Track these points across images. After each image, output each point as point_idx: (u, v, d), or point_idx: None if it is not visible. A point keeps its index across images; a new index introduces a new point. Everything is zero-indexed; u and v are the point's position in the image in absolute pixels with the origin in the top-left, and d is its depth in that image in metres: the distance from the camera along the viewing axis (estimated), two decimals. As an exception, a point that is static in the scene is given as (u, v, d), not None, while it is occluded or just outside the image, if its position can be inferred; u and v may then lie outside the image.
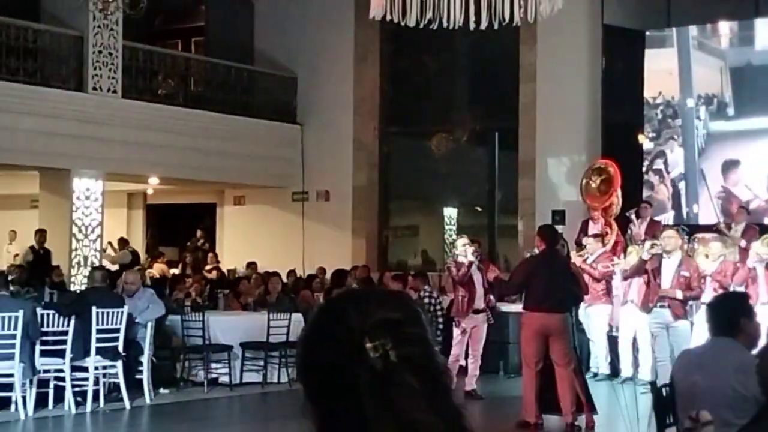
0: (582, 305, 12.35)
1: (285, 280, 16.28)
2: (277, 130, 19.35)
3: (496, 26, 10.69)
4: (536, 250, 10.25)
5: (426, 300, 13.57)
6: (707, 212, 16.49)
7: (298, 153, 19.58)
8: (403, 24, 11.56)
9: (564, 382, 9.56)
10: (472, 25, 10.91)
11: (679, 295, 10.69)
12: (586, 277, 12.03)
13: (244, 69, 19.53)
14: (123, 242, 19.56)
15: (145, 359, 11.25)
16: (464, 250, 11.87)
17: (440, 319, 13.55)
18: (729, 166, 16.68)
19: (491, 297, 12.29)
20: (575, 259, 12.65)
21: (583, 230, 14.74)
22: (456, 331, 11.90)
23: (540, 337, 9.66)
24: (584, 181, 15.43)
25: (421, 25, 10.95)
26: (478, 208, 19.30)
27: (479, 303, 11.84)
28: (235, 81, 19.26)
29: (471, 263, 11.75)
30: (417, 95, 19.87)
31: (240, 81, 19.37)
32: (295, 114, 19.79)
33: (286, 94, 19.82)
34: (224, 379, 12.41)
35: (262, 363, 12.63)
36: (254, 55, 20.14)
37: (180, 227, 21.43)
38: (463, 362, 11.91)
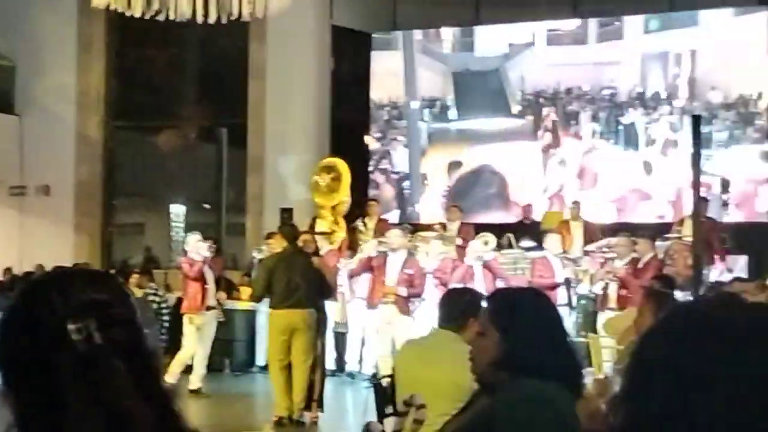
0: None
1: (1, 278, 15.56)
2: (-7, 121, 18.41)
3: (225, 21, 10.62)
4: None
5: (150, 297, 13.33)
6: (430, 211, 17.06)
7: (16, 145, 18.68)
8: (128, 15, 11.30)
9: (298, 378, 9.62)
10: (200, 19, 10.80)
11: (404, 292, 11.01)
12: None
13: (-44, 55, 18.47)
14: None
15: None
16: (197, 246, 11.79)
17: (166, 317, 13.34)
18: (452, 166, 17.35)
19: (222, 294, 12.26)
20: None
21: (311, 228, 14.86)
22: (189, 329, 11.77)
23: (284, 334, 9.72)
24: (314, 179, 15.56)
25: (147, 17, 10.75)
26: (206, 206, 19.13)
27: (211, 300, 11.79)
28: (-55, 68, 18.17)
29: (205, 259, 11.68)
30: (144, 89, 19.43)
31: (-49, 68, 18.29)
32: (12, 104, 18.87)
33: (4, 84, 18.86)
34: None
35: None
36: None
37: None
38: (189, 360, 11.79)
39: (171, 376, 11.35)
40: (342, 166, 15.28)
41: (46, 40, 18.52)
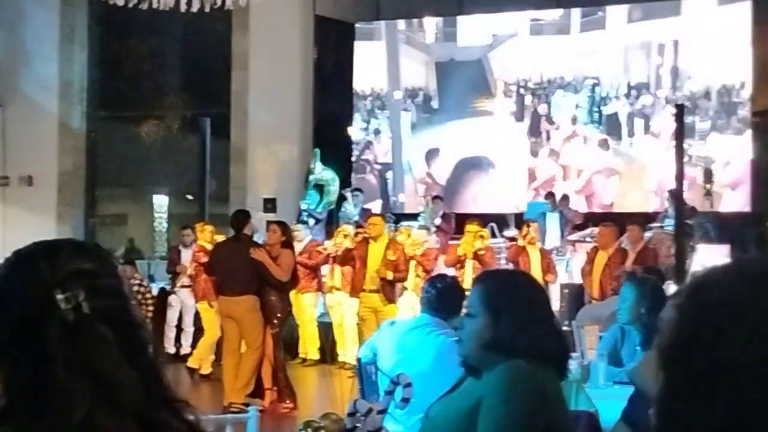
0: (292, 292, 12.42)
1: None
2: (-25, 112, 18.30)
3: (207, 9, 10.61)
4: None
5: (135, 288, 13.32)
6: (413, 200, 17.07)
7: (-1, 135, 18.63)
8: (111, 4, 11.28)
9: (245, 365, 9.64)
10: (183, 7, 10.79)
11: (390, 276, 11.04)
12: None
13: (-61, 46, 18.35)
14: None
15: None
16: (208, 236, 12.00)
17: (150, 307, 13.35)
18: (433, 156, 17.37)
19: None
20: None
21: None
22: (207, 314, 11.85)
23: (229, 321, 9.81)
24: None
25: (131, 5, 10.73)
26: (190, 197, 19.08)
27: None
28: (-72, 58, 18.06)
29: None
30: (127, 79, 19.37)
31: (-66, 58, 18.17)
32: (-5, 94, 18.79)
33: (-14, 74, 18.78)
34: None
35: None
36: (-50, 30, 18.96)
37: None
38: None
39: (204, 365, 11.63)
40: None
41: (30, 30, 18.42)
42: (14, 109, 18.59)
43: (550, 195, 15.02)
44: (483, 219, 14.24)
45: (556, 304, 12.29)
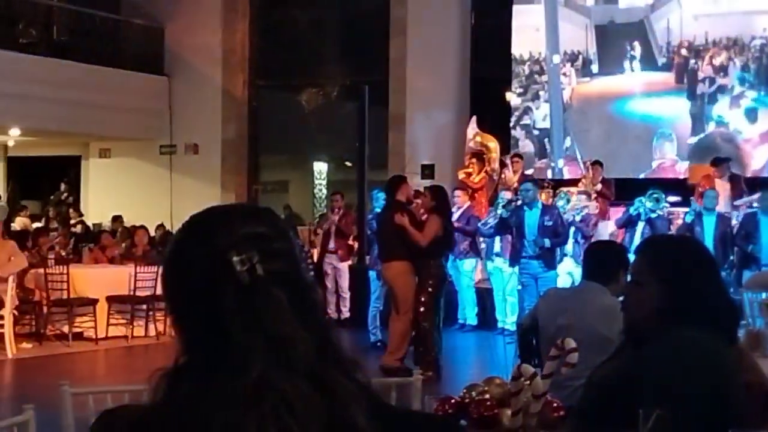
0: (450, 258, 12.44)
1: (153, 234, 16.04)
2: (144, 82, 18.91)
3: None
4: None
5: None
6: (572, 166, 16.84)
7: (166, 105, 19.21)
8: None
9: (394, 328, 9.84)
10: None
11: (548, 243, 10.95)
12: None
13: (110, 18, 19.01)
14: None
15: (6, 313, 10.95)
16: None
17: (311, 272, 13.58)
18: (589, 118, 17.06)
19: None
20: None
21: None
22: (378, 284, 11.98)
23: (384, 286, 10.50)
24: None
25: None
26: (348, 163, 19.31)
27: None
28: (100, 30, 18.73)
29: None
30: (287, 48, 19.68)
31: (106, 30, 18.84)
32: (162, 65, 19.38)
33: (154, 45, 19.37)
34: (89, 333, 12.17)
35: (128, 316, 12.43)
36: (121, 3, 19.62)
37: (43, 180, 20.86)
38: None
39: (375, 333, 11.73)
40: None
41: (193, 1, 18.91)
42: (180, 79, 19.16)
43: (719, 160, 14.31)
44: (643, 184, 13.99)
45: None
